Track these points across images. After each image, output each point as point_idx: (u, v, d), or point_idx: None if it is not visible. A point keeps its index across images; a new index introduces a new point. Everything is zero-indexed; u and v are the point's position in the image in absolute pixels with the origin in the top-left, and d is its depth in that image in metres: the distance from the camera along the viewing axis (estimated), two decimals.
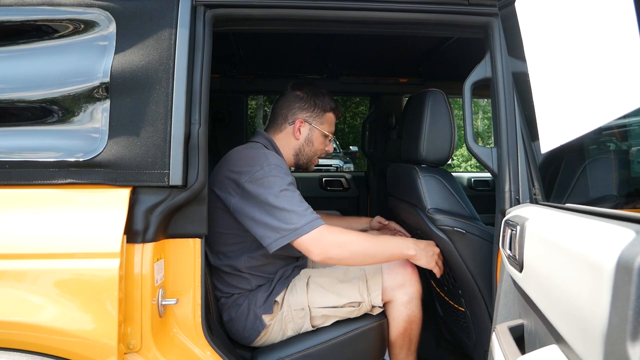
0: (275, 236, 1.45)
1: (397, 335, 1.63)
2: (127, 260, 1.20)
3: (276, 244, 1.45)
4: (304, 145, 1.77)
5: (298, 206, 1.48)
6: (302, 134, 1.76)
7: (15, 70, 1.26)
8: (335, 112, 1.81)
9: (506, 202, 1.34)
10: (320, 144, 1.80)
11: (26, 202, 1.24)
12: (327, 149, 1.85)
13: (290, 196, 1.49)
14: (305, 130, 1.76)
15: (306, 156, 1.80)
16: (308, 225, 1.44)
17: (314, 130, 1.77)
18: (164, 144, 1.24)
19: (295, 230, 1.44)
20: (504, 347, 0.96)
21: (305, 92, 1.77)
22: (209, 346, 1.33)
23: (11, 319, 1.14)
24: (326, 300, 1.59)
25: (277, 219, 1.45)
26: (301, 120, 1.75)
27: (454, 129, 1.69)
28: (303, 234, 1.44)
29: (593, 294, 0.57)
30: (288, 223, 1.45)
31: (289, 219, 1.45)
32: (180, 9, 1.27)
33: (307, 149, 1.78)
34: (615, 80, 0.72)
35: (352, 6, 1.36)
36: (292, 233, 1.44)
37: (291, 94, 1.79)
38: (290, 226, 1.44)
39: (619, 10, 0.70)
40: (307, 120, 1.76)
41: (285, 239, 1.44)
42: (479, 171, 7.05)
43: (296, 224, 1.44)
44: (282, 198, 1.47)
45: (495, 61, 1.39)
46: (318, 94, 1.78)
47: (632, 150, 1.39)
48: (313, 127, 1.77)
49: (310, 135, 1.77)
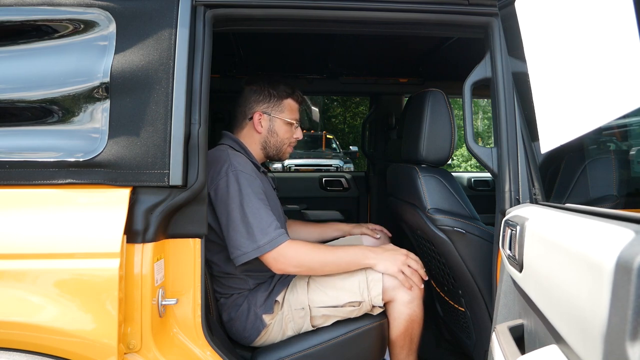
0: (238, 252, 1.50)
1: (398, 335, 1.63)
2: (127, 260, 1.20)
3: (240, 259, 1.50)
4: (268, 137, 1.76)
5: (261, 220, 1.50)
6: (264, 126, 1.75)
7: (15, 70, 1.26)
8: (293, 97, 1.79)
9: (506, 202, 1.34)
10: (285, 132, 1.78)
11: (26, 202, 1.24)
12: (295, 137, 1.82)
13: (255, 208, 1.51)
14: (265, 122, 1.75)
15: (274, 147, 1.78)
16: (269, 244, 1.49)
17: (274, 120, 1.76)
18: (164, 144, 1.24)
19: (257, 248, 1.49)
20: (504, 347, 0.96)
21: (258, 85, 1.77)
22: (209, 346, 1.33)
23: (11, 319, 1.14)
24: (327, 299, 1.59)
25: (240, 233, 1.49)
26: (259, 113, 1.74)
27: (454, 129, 1.69)
28: (264, 252, 1.49)
29: (593, 294, 0.57)
30: (251, 239, 1.48)
31: (252, 234, 1.49)
32: (180, 9, 1.27)
33: (273, 140, 1.77)
34: (615, 81, 0.72)
35: (352, 6, 1.36)
36: (254, 251, 1.49)
37: (246, 89, 1.78)
38: (253, 244, 1.48)
39: (619, 10, 0.70)
40: (265, 112, 1.75)
41: (247, 256, 1.49)
42: (479, 171, 7.05)
43: (258, 241, 1.48)
44: (247, 209, 1.50)
45: (495, 61, 1.39)
46: (273, 84, 1.77)
47: (632, 150, 1.39)
48: (273, 117, 1.75)
49: (272, 125, 1.76)
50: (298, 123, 1.82)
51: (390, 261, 1.58)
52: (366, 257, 1.59)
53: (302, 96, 1.84)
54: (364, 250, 1.61)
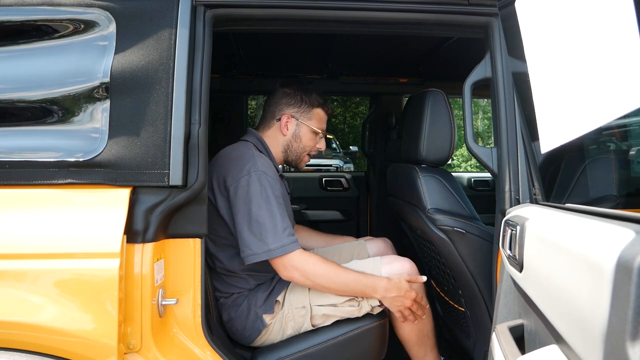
0: (249, 252, 1.49)
1: (409, 332, 1.64)
2: (127, 260, 1.20)
3: (250, 259, 1.49)
4: (291, 141, 1.77)
5: (276, 225, 1.49)
6: (290, 130, 1.76)
7: (15, 70, 1.26)
8: (324, 108, 1.80)
9: (506, 202, 1.34)
10: (309, 140, 1.79)
11: (26, 202, 1.24)
12: (318, 147, 1.83)
13: (272, 211, 1.50)
14: (292, 125, 1.76)
15: (295, 153, 1.78)
16: (281, 249, 1.48)
17: (301, 126, 1.76)
18: (164, 144, 1.24)
19: (269, 251, 1.48)
20: (504, 347, 0.96)
21: (292, 89, 1.77)
22: (209, 346, 1.33)
23: (11, 319, 1.14)
24: (327, 297, 1.59)
25: (253, 234, 1.49)
26: (288, 116, 1.75)
27: (454, 129, 1.69)
28: (274, 257, 1.48)
29: (593, 294, 0.57)
30: (263, 241, 1.48)
31: (265, 237, 1.48)
32: (180, 9, 1.27)
33: (295, 145, 1.77)
34: (615, 81, 0.72)
35: (352, 6, 1.36)
36: (264, 253, 1.48)
37: (279, 91, 1.79)
38: (264, 247, 1.48)
39: (619, 10, 0.70)
40: (294, 116, 1.76)
41: (258, 257, 1.49)
42: (479, 171, 7.05)
43: (270, 245, 1.47)
44: (264, 211, 1.49)
45: (495, 61, 1.39)
46: (306, 91, 1.78)
47: (632, 150, 1.39)
48: (300, 123, 1.76)
49: (298, 131, 1.76)
50: (324, 134, 1.83)
51: (397, 302, 1.56)
52: (375, 292, 1.55)
53: (332, 109, 1.85)
54: (375, 285, 1.55)
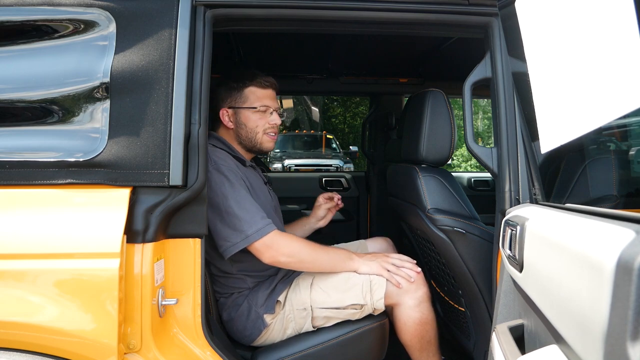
0: (227, 244, 1.49)
1: (411, 338, 1.62)
2: (127, 260, 1.20)
3: (230, 251, 1.49)
4: (239, 131, 1.73)
5: (247, 211, 1.50)
6: (233, 121, 1.73)
7: (15, 70, 1.26)
8: (255, 83, 1.72)
9: (506, 202, 1.34)
10: (255, 121, 1.71)
11: (26, 202, 1.24)
12: (271, 122, 1.73)
13: (239, 199, 1.51)
14: (232, 116, 1.73)
15: (248, 139, 1.73)
16: (257, 233, 1.49)
17: (239, 112, 1.71)
18: (164, 144, 1.24)
19: (246, 238, 1.48)
20: (504, 347, 0.96)
21: (220, 82, 1.75)
22: (209, 346, 1.33)
23: (11, 319, 1.14)
24: (329, 301, 1.59)
25: (228, 225, 1.49)
26: (224, 110, 1.73)
27: (454, 129, 1.69)
28: (253, 241, 1.49)
29: (593, 294, 0.57)
30: (238, 230, 1.48)
31: (239, 225, 1.48)
32: (180, 9, 1.27)
33: (244, 133, 1.73)
34: (615, 81, 0.72)
35: (352, 6, 1.36)
36: (242, 241, 1.48)
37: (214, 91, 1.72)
38: (241, 235, 1.48)
39: (619, 10, 0.70)
40: (231, 106, 1.72)
41: (237, 246, 1.49)
42: (479, 171, 7.05)
43: (246, 231, 1.48)
44: (231, 201, 1.49)
45: (495, 61, 1.39)
46: (235, 76, 1.74)
47: (632, 150, 1.39)
48: (237, 110, 1.72)
49: (239, 118, 1.72)
50: (271, 108, 1.73)
51: (372, 263, 1.62)
52: (351, 259, 1.62)
53: (269, 80, 1.75)
54: (349, 254, 1.65)
